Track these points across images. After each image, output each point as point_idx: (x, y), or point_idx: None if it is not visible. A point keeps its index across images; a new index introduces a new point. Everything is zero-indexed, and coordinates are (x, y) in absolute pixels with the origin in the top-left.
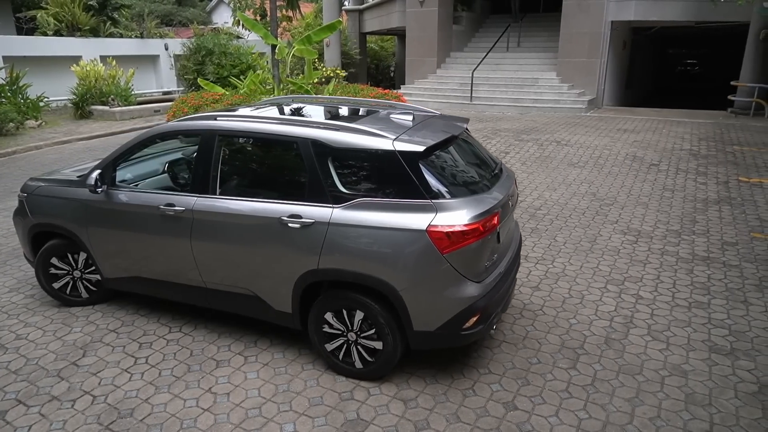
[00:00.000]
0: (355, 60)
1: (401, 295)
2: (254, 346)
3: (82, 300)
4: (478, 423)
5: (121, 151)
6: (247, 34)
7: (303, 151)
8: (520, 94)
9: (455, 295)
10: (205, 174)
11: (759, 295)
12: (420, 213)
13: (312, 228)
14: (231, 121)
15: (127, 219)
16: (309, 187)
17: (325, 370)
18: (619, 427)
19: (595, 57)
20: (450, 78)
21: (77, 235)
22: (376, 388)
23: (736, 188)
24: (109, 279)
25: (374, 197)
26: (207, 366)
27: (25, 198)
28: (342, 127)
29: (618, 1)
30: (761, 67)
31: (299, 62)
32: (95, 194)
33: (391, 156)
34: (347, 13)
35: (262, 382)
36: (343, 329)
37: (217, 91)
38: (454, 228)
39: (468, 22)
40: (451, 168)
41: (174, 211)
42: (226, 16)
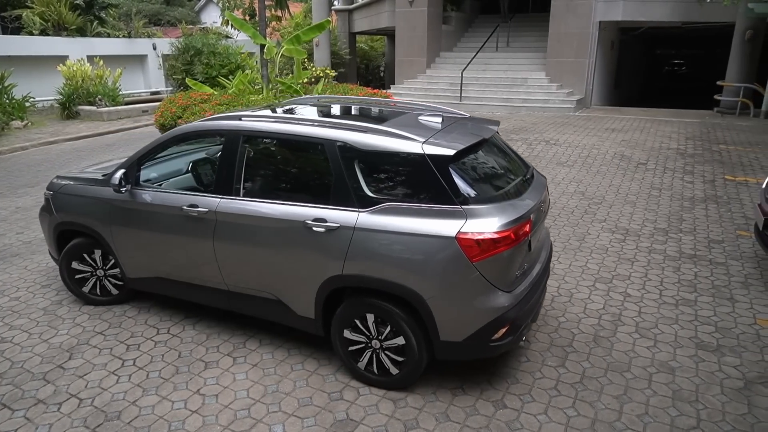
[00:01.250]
0: (344, 60)
1: (428, 303)
2: (243, 347)
3: (105, 299)
4: (467, 422)
5: (146, 151)
6: (236, 33)
7: (329, 153)
8: (510, 94)
9: (484, 305)
10: (229, 175)
11: (745, 292)
12: (449, 219)
13: (337, 232)
14: (256, 122)
15: (150, 219)
16: (334, 191)
17: (315, 371)
18: (608, 424)
19: (584, 57)
20: (440, 78)
21: (101, 234)
22: (365, 388)
23: (722, 187)
24: (131, 279)
25: (402, 202)
26: (195, 367)
27: (50, 196)
28: (369, 129)
29: (606, 2)
30: (747, 67)
31: (288, 62)
32: (119, 193)
33: (420, 159)
34: (336, 13)
35: (251, 383)
36: (367, 337)
37: (206, 91)
38: (484, 235)
39: (457, 22)
40: (482, 172)
41: (197, 212)
42: (214, 16)
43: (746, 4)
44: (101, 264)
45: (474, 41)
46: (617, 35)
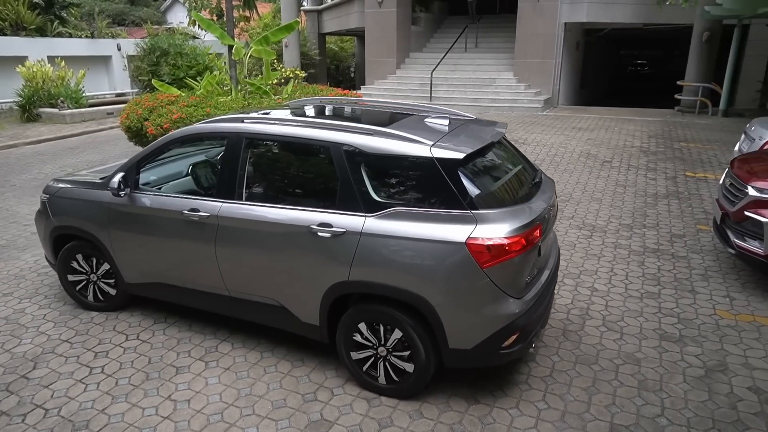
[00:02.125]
0: (314, 61)
1: (437, 311)
2: (215, 351)
3: (101, 305)
4: (441, 418)
5: (145, 154)
6: (204, 34)
7: (334, 157)
8: (479, 94)
9: (495, 312)
10: (231, 179)
11: (705, 284)
12: (459, 224)
13: (343, 238)
14: (258, 124)
15: (150, 223)
16: (340, 195)
17: (288, 373)
18: (577, 415)
19: (550, 58)
20: (410, 78)
21: (98, 238)
22: (339, 389)
23: (683, 183)
24: (130, 284)
25: (410, 206)
26: (166, 373)
27: (47, 199)
28: (376, 132)
29: (571, 3)
30: (704, 68)
31: (257, 63)
32: (118, 197)
33: (429, 163)
34: (306, 14)
35: (224, 386)
36: (373, 344)
37: (173, 93)
38: (495, 241)
39: (426, 23)
40: (491, 176)
41: (198, 217)
42: (181, 16)
43: (703, 6)
44: (95, 269)
45: (443, 42)
46: (582, 36)
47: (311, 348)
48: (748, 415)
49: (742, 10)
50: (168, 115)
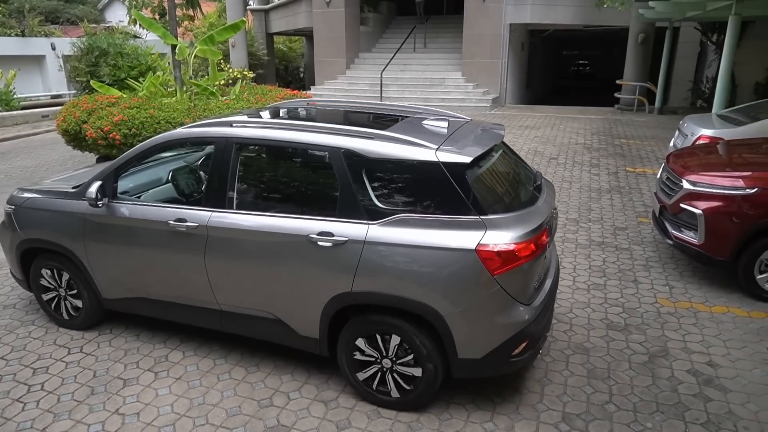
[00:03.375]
0: (262, 61)
1: (446, 320)
2: (165, 361)
3: (72, 322)
4: (399, 417)
5: (124, 161)
6: (146, 33)
7: (334, 162)
8: (429, 94)
9: (505, 320)
10: (221, 186)
11: (646, 274)
12: (468, 230)
13: (345, 247)
14: (249, 128)
15: (131, 235)
16: (341, 202)
17: (242, 379)
18: (531, 406)
19: (497, 57)
20: (360, 78)
21: (73, 252)
22: (296, 392)
23: (624, 178)
24: (108, 300)
25: (415, 213)
26: (113, 386)
27: (12, 211)
28: (377, 136)
29: (515, 5)
30: (641, 68)
31: (203, 63)
32: (96, 208)
33: (434, 167)
34: (252, 13)
35: (175, 397)
36: (377, 356)
37: (114, 94)
38: (505, 247)
39: (375, 23)
40: (496, 180)
41: (186, 227)
42: (120, 15)
43: (637, 9)
44: (63, 284)
45: (392, 42)
46: (527, 37)
47: (266, 353)
48: (688, 396)
49: (673, 13)
50: (109, 118)
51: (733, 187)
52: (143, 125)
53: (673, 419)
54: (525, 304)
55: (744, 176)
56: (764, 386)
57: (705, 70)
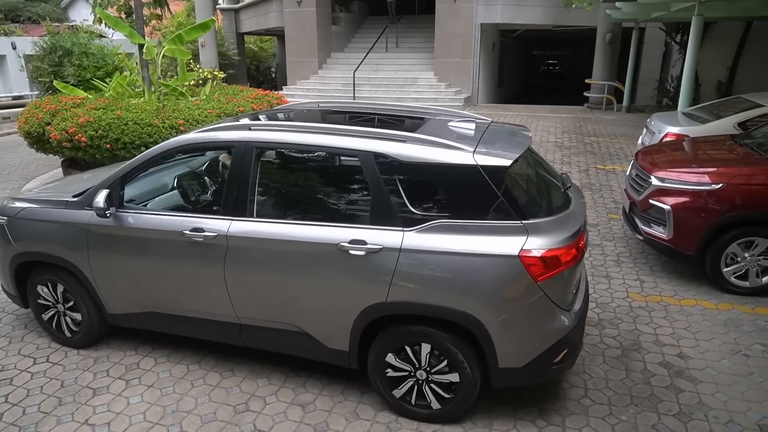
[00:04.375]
0: (233, 61)
1: (487, 329)
2: (137, 368)
3: (74, 339)
4: (377, 418)
5: (131, 167)
6: (112, 33)
7: (365, 167)
8: (402, 94)
9: (549, 327)
10: (242, 194)
11: (618, 269)
12: (509, 236)
13: (379, 255)
14: (270, 132)
15: (142, 246)
16: (373, 209)
17: (217, 384)
18: (508, 404)
19: (468, 57)
20: (332, 78)
21: (76, 265)
22: (272, 396)
23: (594, 175)
24: (114, 315)
25: (453, 219)
26: (82, 396)
27: (6, 222)
28: (409, 138)
29: (485, 5)
30: (609, 67)
31: (173, 63)
32: (103, 218)
33: (472, 171)
34: (222, 13)
35: (147, 405)
36: (412, 367)
37: (78, 95)
38: (549, 252)
39: (347, 22)
40: (531, 184)
41: (203, 238)
42: (85, 13)
43: (605, 10)
44: (61, 299)
45: (364, 42)
46: (498, 37)
47: (240, 357)
48: (660, 389)
49: (638, 14)
50: (74, 119)
51: (699, 183)
52: (110, 127)
53: (646, 411)
54: (566, 310)
55: (709, 172)
56: (732, 376)
57: (670, 69)
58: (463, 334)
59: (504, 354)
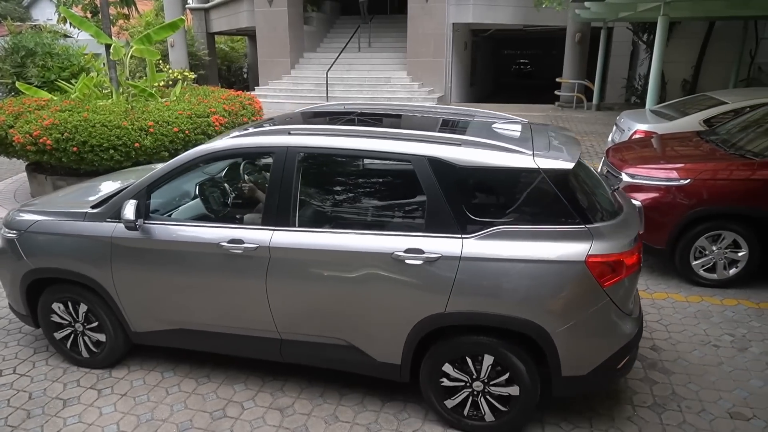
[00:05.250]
0: (204, 61)
1: (552, 337)
2: (108, 377)
3: (93, 359)
4: (357, 419)
5: (159, 176)
6: (77, 33)
7: (419, 172)
8: (375, 93)
9: (614, 333)
10: (284, 202)
11: None
12: (574, 241)
13: (438, 264)
14: (314, 137)
15: (173, 260)
16: (429, 215)
17: (193, 391)
18: None
19: (441, 57)
20: (305, 78)
21: (97, 281)
22: (250, 402)
23: None
24: (139, 333)
25: (514, 224)
26: (51, 408)
27: (16, 237)
28: (465, 142)
29: (457, 5)
30: (578, 66)
31: (141, 64)
32: (133, 231)
33: (535, 175)
34: (191, 12)
35: (121, 414)
36: (466, 380)
37: (42, 96)
38: (615, 257)
39: (319, 22)
40: (588, 187)
41: (243, 249)
42: (48, 12)
43: (574, 10)
44: (81, 318)
45: (337, 42)
46: (469, 37)
47: (216, 363)
48: (635, 381)
49: (606, 14)
50: (38, 122)
51: (668, 178)
52: (77, 129)
53: (623, 404)
54: (629, 316)
55: (678, 168)
56: (703, 366)
57: (637, 68)
58: (523, 344)
59: (568, 362)
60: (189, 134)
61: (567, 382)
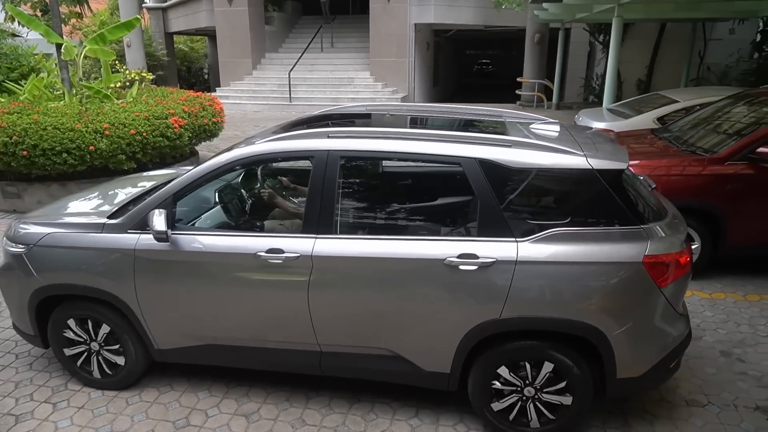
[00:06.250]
0: (162, 62)
1: (610, 340)
2: (64, 389)
3: (107, 380)
4: (324, 422)
5: (186, 183)
6: (27, 32)
7: (470, 175)
8: (338, 94)
9: (669, 333)
10: (327, 209)
11: None
12: (631, 242)
13: (493, 269)
14: (357, 140)
15: (203, 272)
16: (482, 219)
17: (155, 400)
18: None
19: (404, 57)
20: (267, 79)
21: (118, 296)
22: (214, 409)
23: None
24: (164, 350)
25: (570, 227)
26: (3, 424)
27: (24, 252)
28: (514, 143)
29: (419, 5)
30: (538, 66)
31: (96, 65)
32: (163, 242)
33: (589, 176)
34: (149, 11)
35: (78, 428)
36: (519, 384)
37: None
38: (670, 256)
39: (280, 22)
40: (636, 187)
41: (284, 259)
42: None
43: (533, 10)
44: (100, 337)
45: (299, 42)
46: (432, 37)
47: (178, 370)
48: None
49: (564, 15)
50: None
51: None
52: (26, 132)
53: None
54: (681, 315)
55: (634, 165)
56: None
57: (595, 67)
58: (576, 348)
59: (624, 364)
60: (147, 136)
61: (621, 384)
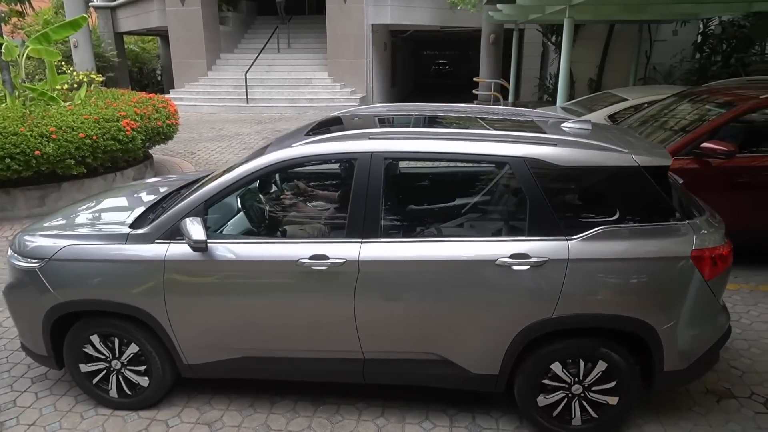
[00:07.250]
0: (112, 63)
1: (659, 334)
2: (13, 407)
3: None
4: (289, 426)
5: (219, 189)
6: None
7: (518, 174)
8: (296, 95)
9: (714, 325)
10: (372, 212)
11: None
12: (678, 237)
13: (545, 268)
14: (400, 141)
15: (240, 281)
16: (532, 218)
17: (112, 413)
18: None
19: (361, 57)
20: (223, 80)
21: (146, 310)
22: (175, 419)
23: None
24: (194, 366)
25: (618, 223)
26: None
27: (39, 267)
28: (560, 142)
29: (375, 6)
30: (494, 66)
31: (41, 66)
32: (202, 251)
33: (635, 172)
34: (96, 11)
35: None
36: (569, 381)
37: None
38: (716, 250)
39: (235, 22)
40: (675, 184)
41: (328, 265)
42: None
43: (487, 11)
44: (126, 357)
45: (255, 43)
46: (389, 37)
47: None
48: None
49: (517, 16)
50: None
51: None
52: None
53: None
54: (724, 308)
55: None
56: None
57: (548, 67)
58: (625, 343)
59: (671, 358)
60: (97, 140)
61: (668, 377)
